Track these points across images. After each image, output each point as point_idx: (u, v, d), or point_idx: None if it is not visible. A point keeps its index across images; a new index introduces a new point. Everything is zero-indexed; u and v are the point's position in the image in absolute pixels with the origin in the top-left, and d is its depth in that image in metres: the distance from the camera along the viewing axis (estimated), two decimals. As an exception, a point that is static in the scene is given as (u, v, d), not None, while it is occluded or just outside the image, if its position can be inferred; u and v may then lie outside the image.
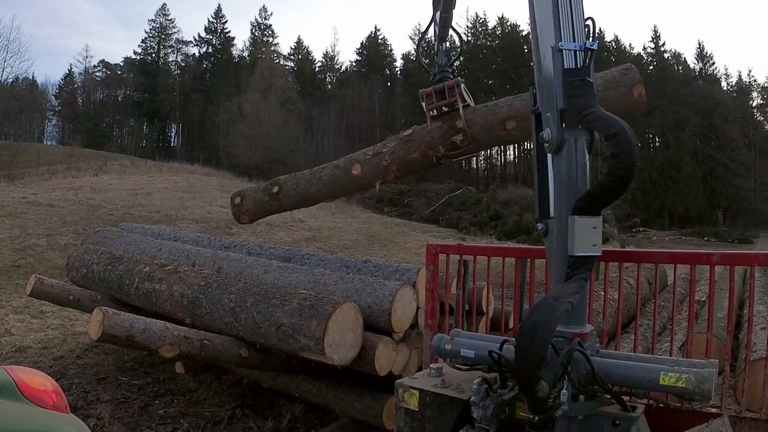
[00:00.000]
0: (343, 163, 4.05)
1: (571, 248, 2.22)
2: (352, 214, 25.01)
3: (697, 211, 49.87)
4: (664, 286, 6.95)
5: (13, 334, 6.34)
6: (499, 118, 3.41)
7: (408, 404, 2.62)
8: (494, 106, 3.52)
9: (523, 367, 1.98)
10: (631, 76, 3.14)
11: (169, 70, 64.41)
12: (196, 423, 4.25)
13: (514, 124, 3.36)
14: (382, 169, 3.89)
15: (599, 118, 2.20)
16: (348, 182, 4.04)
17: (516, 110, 3.38)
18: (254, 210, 4.39)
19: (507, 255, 3.61)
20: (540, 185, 2.49)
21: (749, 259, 2.82)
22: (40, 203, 17.55)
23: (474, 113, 3.54)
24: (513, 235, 22.85)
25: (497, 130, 3.42)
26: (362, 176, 3.97)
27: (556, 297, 2.08)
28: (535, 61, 2.46)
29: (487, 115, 3.48)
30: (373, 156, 3.91)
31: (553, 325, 1.98)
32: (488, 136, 3.50)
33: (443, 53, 3.75)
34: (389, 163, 3.84)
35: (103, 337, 3.22)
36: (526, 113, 3.23)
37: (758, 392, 2.80)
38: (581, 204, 2.22)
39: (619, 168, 2.10)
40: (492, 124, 3.45)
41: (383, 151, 3.89)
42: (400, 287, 3.72)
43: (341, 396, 3.96)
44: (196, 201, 21.61)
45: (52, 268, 10.48)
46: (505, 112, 3.41)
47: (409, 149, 3.78)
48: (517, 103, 3.42)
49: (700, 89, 55.53)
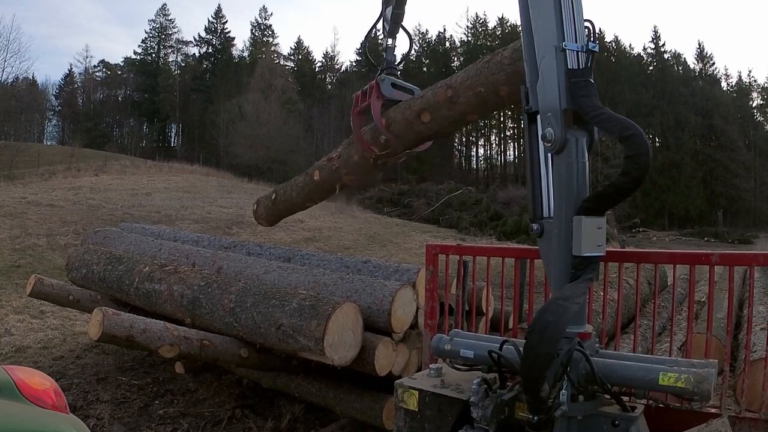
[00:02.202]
0: (311, 169, 4.11)
1: (578, 249, 2.23)
2: (352, 215, 25.01)
3: (697, 211, 49.91)
4: (664, 286, 6.96)
5: (13, 334, 6.34)
6: (415, 112, 3.28)
7: (407, 404, 2.62)
8: (412, 100, 3.40)
9: (531, 367, 2.00)
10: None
11: (169, 70, 64.45)
12: (196, 423, 4.25)
13: (429, 116, 3.22)
14: (335, 174, 3.87)
15: (611, 119, 2.21)
16: (314, 188, 4.08)
17: (428, 101, 3.23)
18: (266, 215, 4.58)
19: (506, 255, 3.61)
20: (534, 185, 2.49)
21: (748, 259, 2.82)
22: (40, 203, 17.56)
23: (395, 111, 3.42)
24: (513, 235, 22.84)
25: (415, 124, 3.29)
26: (322, 181, 3.97)
27: (566, 297, 2.09)
28: (528, 60, 2.46)
29: (405, 111, 3.35)
30: (327, 161, 3.92)
31: (563, 325, 2.00)
32: (409, 132, 3.37)
33: (392, 50, 3.64)
34: (338, 166, 3.83)
35: (103, 337, 3.22)
36: (438, 103, 3.16)
37: (758, 392, 2.81)
38: (590, 204, 2.24)
39: (635, 169, 2.12)
40: (410, 119, 3.31)
41: (333, 156, 3.89)
42: (399, 287, 3.72)
43: (341, 396, 3.96)
44: (196, 201, 21.62)
45: (52, 268, 10.48)
46: (419, 105, 3.27)
47: (351, 153, 3.74)
48: (429, 94, 3.28)
49: (700, 89, 55.57)
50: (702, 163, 53.32)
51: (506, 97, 2.98)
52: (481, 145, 64.66)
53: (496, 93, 2.95)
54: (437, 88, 3.26)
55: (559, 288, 2.30)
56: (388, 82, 3.49)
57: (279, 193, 4.39)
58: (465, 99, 3.06)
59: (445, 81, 3.25)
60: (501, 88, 2.92)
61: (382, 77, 3.50)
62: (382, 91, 3.47)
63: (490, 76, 2.93)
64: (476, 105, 3.09)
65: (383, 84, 3.47)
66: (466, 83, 3.05)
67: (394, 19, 3.55)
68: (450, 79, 3.23)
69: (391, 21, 3.56)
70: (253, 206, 4.73)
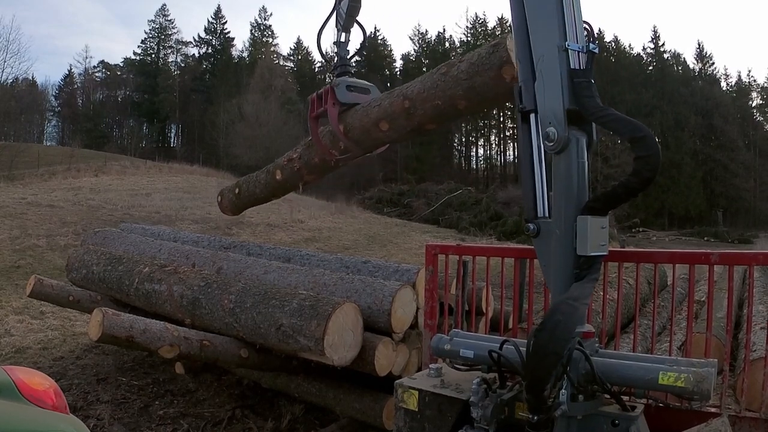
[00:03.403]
0: (272, 167, 4.12)
1: (584, 248, 2.23)
2: (352, 215, 25.00)
3: (697, 211, 49.94)
4: (664, 286, 6.95)
5: (13, 335, 6.34)
6: (372, 120, 3.18)
7: (407, 404, 2.62)
8: (368, 106, 3.28)
9: (537, 365, 2.01)
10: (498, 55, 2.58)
11: (169, 70, 64.47)
12: (196, 423, 4.25)
13: (387, 125, 3.12)
14: (296, 174, 3.89)
15: (620, 120, 2.23)
16: (276, 186, 4.12)
17: (385, 111, 3.12)
18: (231, 207, 4.68)
19: (506, 255, 3.61)
20: (528, 185, 2.49)
21: (748, 258, 2.82)
22: (40, 204, 17.56)
23: (353, 117, 3.31)
24: (513, 235, 22.85)
25: (374, 132, 3.21)
26: (283, 181, 3.99)
27: (576, 298, 2.10)
28: (522, 59, 2.45)
29: (362, 119, 3.25)
30: (287, 162, 3.92)
31: (573, 326, 2.02)
32: (368, 139, 3.30)
33: (345, 45, 3.52)
34: (299, 167, 3.83)
35: (103, 338, 3.22)
36: (395, 113, 3.07)
37: (757, 392, 2.81)
38: (597, 204, 2.26)
39: (646, 170, 2.15)
40: (367, 126, 3.23)
41: (294, 156, 3.89)
42: (399, 287, 3.72)
43: (341, 396, 3.97)
44: (196, 201, 21.60)
45: (52, 268, 10.48)
46: (377, 113, 3.16)
47: (311, 154, 3.73)
48: (386, 103, 3.15)
49: (699, 89, 55.61)
50: (702, 162, 53.35)
51: (465, 110, 2.89)
52: (481, 145, 64.76)
53: (454, 106, 2.86)
54: (394, 97, 3.13)
55: (560, 288, 2.30)
56: (343, 85, 3.37)
57: (242, 188, 4.47)
58: (422, 111, 2.97)
59: (402, 90, 3.12)
60: (459, 102, 2.82)
61: (336, 82, 3.37)
62: (338, 97, 3.34)
63: (447, 90, 2.82)
64: (433, 116, 3.00)
65: (338, 89, 3.35)
66: (423, 95, 2.94)
67: (349, 12, 3.39)
68: (407, 89, 3.10)
69: (347, 14, 3.40)
70: (217, 198, 4.81)
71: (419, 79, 3.14)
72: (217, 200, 4.82)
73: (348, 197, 32.46)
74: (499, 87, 2.60)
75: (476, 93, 2.61)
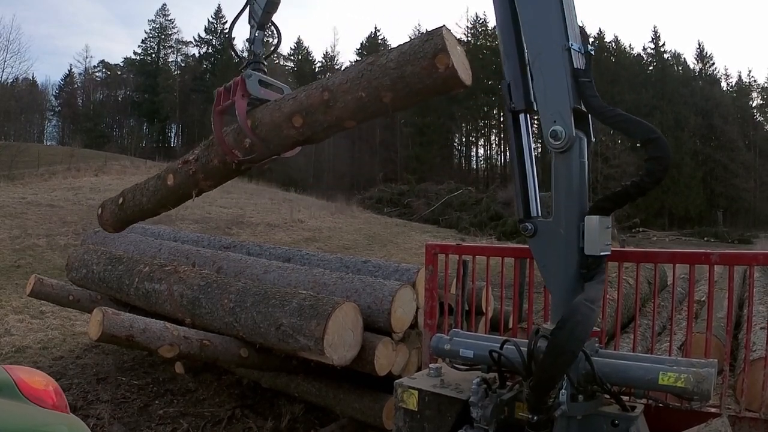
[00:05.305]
0: (164, 172, 3.73)
1: (593, 248, 2.25)
2: (352, 215, 25.00)
3: (697, 211, 49.93)
4: (664, 286, 6.96)
5: (13, 334, 6.34)
6: (285, 114, 2.89)
7: (407, 404, 2.62)
8: (282, 99, 3.00)
9: (552, 365, 2.02)
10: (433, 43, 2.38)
11: (169, 70, 64.52)
12: (196, 423, 4.25)
13: (301, 120, 2.86)
14: (192, 179, 3.50)
15: (631, 121, 2.25)
16: (167, 193, 3.71)
17: (301, 103, 2.86)
18: (113, 221, 4.14)
19: (506, 255, 3.62)
20: (522, 184, 2.49)
21: (748, 258, 2.83)
22: (40, 203, 17.56)
23: (263, 111, 3.02)
24: (513, 235, 22.82)
25: (285, 128, 2.92)
26: (176, 186, 3.61)
27: (593, 300, 2.12)
28: (509, 56, 2.46)
29: (274, 113, 2.95)
30: (182, 165, 3.54)
31: (590, 327, 2.04)
32: (278, 137, 2.99)
33: (260, 42, 3.26)
34: (195, 171, 3.45)
35: (102, 337, 3.21)
36: (311, 106, 2.81)
37: (757, 392, 2.81)
38: (606, 204, 2.28)
39: (658, 170, 2.20)
40: (278, 121, 2.93)
41: (190, 159, 3.51)
42: (399, 287, 3.72)
43: (341, 396, 3.97)
44: (196, 201, 21.42)
45: (52, 268, 10.47)
46: (291, 106, 2.87)
47: (209, 156, 3.35)
48: (302, 95, 2.90)
49: (700, 89, 55.61)
50: (702, 163, 53.35)
51: (390, 104, 2.66)
52: (481, 145, 64.72)
53: (379, 99, 2.64)
54: (311, 89, 2.90)
55: (564, 287, 2.30)
56: (255, 78, 3.10)
57: (127, 197, 3.97)
58: (343, 104, 2.74)
59: (322, 82, 2.90)
60: (384, 94, 2.61)
61: (248, 73, 3.09)
62: (248, 88, 3.06)
63: (373, 80, 2.60)
64: (354, 110, 2.76)
65: (249, 81, 3.06)
66: (345, 86, 2.72)
67: (267, 8, 3.18)
68: (327, 80, 2.88)
69: (264, 10, 3.18)
70: (98, 210, 4.28)
71: (343, 70, 2.94)
72: (98, 213, 4.25)
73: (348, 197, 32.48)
74: (430, 78, 2.41)
75: (405, 83, 2.43)
